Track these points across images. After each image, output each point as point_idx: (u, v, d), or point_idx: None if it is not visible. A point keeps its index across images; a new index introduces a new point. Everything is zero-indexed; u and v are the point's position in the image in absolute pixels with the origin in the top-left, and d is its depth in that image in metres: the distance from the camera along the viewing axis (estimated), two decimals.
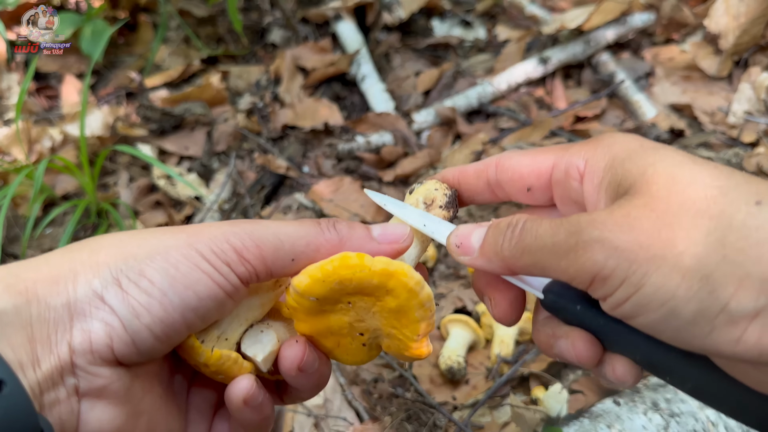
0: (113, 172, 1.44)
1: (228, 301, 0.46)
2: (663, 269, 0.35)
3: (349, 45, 1.63)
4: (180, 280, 0.43)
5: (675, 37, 1.59)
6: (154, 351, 0.44)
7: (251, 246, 0.45)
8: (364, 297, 0.47)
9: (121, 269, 0.42)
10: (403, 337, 0.48)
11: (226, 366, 0.47)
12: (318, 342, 0.51)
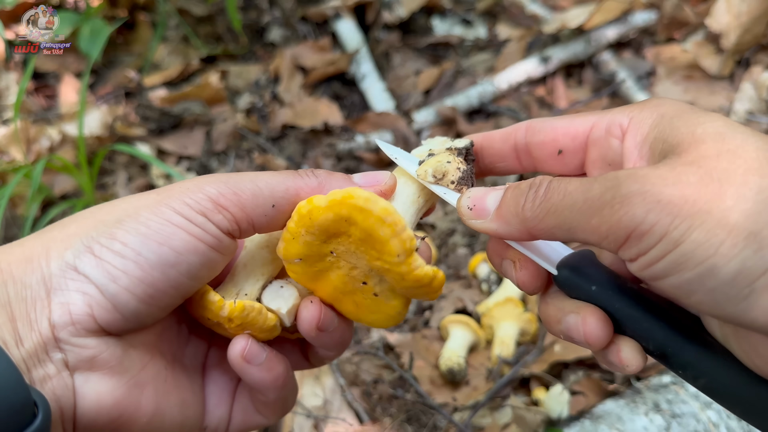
0: (112, 172, 1.44)
1: (213, 253, 0.44)
2: (707, 224, 0.33)
3: (348, 44, 1.63)
4: (153, 237, 0.41)
5: (676, 36, 1.58)
6: (141, 314, 0.43)
7: (228, 193, 0.44)
8: (338, 239, 0.45)
9: (92, 236, 0.41)
10: (391, 266, 0.44)
11: (250, 317, 0.46)
12: (339, 308, 0.50)
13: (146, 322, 0.44)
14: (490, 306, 1.06)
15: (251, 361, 0.46)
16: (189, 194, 0.43)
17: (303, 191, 0.46)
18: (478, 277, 1.16)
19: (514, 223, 0.41)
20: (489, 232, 0.43)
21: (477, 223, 0.43)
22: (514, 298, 1.05)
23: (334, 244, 0.45)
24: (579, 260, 0.44)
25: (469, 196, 0.44)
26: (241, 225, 0.45)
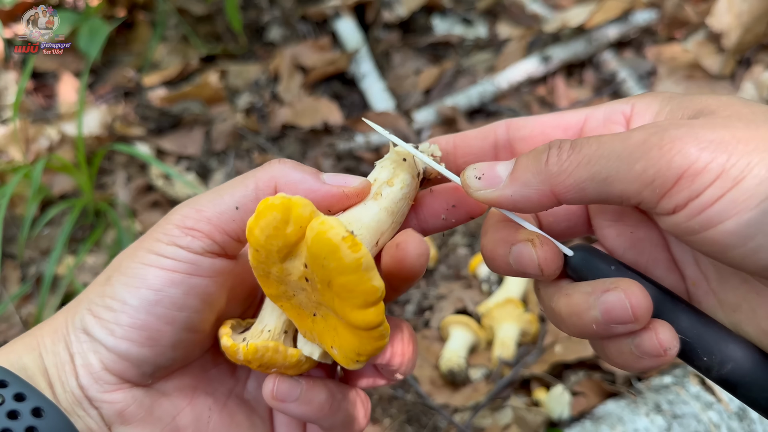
0: (111, 172, 1.43)
1: (194, 279, 0.42)
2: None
3: (348, 43, 1.62)
4: (132, 283, 0.42)
5: (677, 36, 1.58)
6: (152, 359, 0.43)
7: (191, 212, 0.43)
8: (293, 257, 0.39)
9: (91, 299, 0.44)
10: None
11: (266, 358, 0.43)
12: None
13: (170, 365, 0.45)
14: (491, 307, 1.05)
15: (285, 399, 0.44)
16: (159, 229, 0.43)
17: (261, 192, 0.43)
18: (478, 277, 1.16)
19: (534, 183, 0.37)
20: (503, 201, 0.38)
21: (488, 193, 0.39)
22: (515, 299, 1.05)
23: (297, 263, 0.40)
24: (588, 246, 0.42)
25: (474, 167, 0.40)
26: (215, 238, 0.43)
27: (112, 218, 1.26)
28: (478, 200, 0.40)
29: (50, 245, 1.28)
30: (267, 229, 0.37)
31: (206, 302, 0.44)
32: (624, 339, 0.38)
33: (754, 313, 0.38)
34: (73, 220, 1.19)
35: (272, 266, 0.39)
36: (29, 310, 1.17)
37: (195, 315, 0.44)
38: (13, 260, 1.27)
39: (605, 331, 0.37)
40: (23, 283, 1.22)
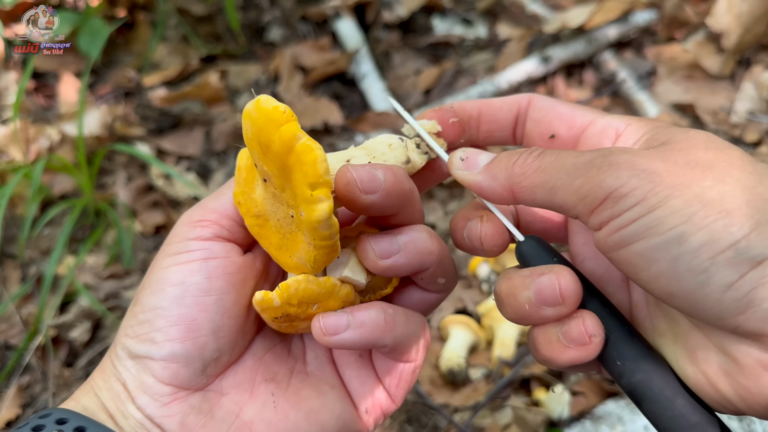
0: (111, 172, 1.43)
1: (213, 262, 0.44)
2: (685, 196, 0.35)
3: (348, 43, 1.62)
4: (157, 289, 0.44)
5: (677, 36, 1.58)
6: (198, 354, 0.43)
7: (196, 210, 0.46)
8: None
9: (126, 326, 0.45)
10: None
11: (302, 291, 0.41)
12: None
13: (219, 358, 0.45)
14: (491, 306, 1.05)
15: (336, 330, 0.42)
16: (169, 237, 0.46)
17: None
18: (478, 277, 1.16)
19: (500, 178, 0.42)
20: (472, 184, 0.43)
21: (464, 174, 0.44)
22: None
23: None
24: (539, 238, 0.45)
25: (464, 150, 0.45)
26: (223, 224, 0.45)
27: (113, 218, 1.26)
28: (456, 178, 0.44)
29: (50, 245, 1.28)
30: (239, 181, 0.43)
31: (231, 283, 0.45)
32: (553, 327, 0.40)
33: (676, 339, 0.40)
34: (74, 220, 1.19)
35: (253, 208, 0.43)
36: (29, 310, 1.18)
37: (224, 296, 0.44)
38: (13, 260, 1.27)
39: (536, 312, 0.40)
40: (23, 283, 1.22)
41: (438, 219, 1.26)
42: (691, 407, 0.38)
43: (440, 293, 0.49)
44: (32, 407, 1.05)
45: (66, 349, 1.13)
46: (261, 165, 0.40)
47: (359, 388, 0.49)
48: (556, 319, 0.40)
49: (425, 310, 0.49)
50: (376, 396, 0.49)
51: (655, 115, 1.42)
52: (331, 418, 0.47)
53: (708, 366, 0.38)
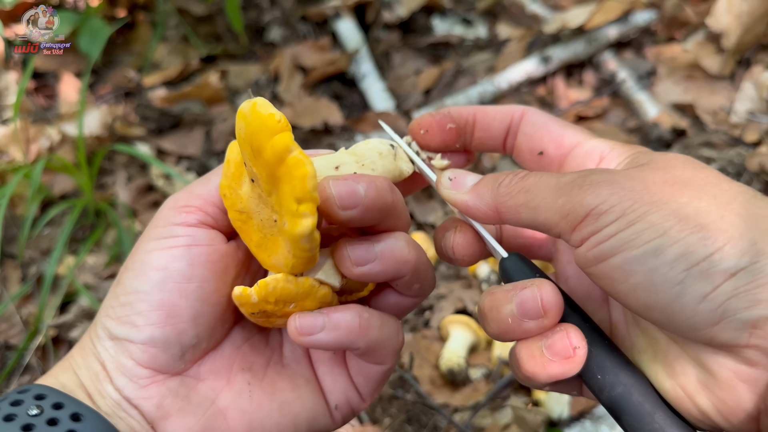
0: (111, 172, 1.43)
1: (195, 250, 0.44)
2: (663, 211, 0.36)
3: (348, 43, 1.62)
4: (140, 272, 0.44)
5: (677, 36, 1.58)
6: (175, 340, 0.44)
7: (182, 195, 0.47)
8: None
9: (107, 306, 0.46)
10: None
11: (279, 289, 0.41)
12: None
13: (197, 344, 0.45)
14: None
15: (311, 331, 0.43)
16: (154, 221, 0.46)
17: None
18: (478, 277, 1.16)
19: (486, 198, 0.43)
20: (459, 203, 0.45)
21: (451, 193, 0.45)
22: None
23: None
24: (521, 255, 0.46)
25: (453, 171, 0.46)
26: (208, 210, 0.46)
27: (113, 218, 1.26)
28: (443, 197, 0.46)
29: (51, 245, 1.28)
30: (226, 175, 0.44)
31: (213, 271, 0.45)
32: (536, 341, 0.40)
33: (655, 355, 0.41)
34: (74, 220, 1.19)
35: (237, 203, 0.44)
36: (30, 310, 1.18)
37: (206, 284, 0.44)
38: (13, 260, 1.27)
39: (518, 326, 0.40)
40: (24, 283, 1.22)
41: (438, 219, 1.26)
42: (670, 421, 0.38)
43: (416, 298, 0.49)
44: None
45: (66, 349, 1.13)
46: (251, 166, 0.41)
47: (331, 385, 0.49)
48: (538, 333, 0.41)
49: (400, 313, 0.50)
50: (347, 394, 0.49)
51: (655, 115, 1.42)
52: (303, 410, 0.47)
53: (686, 380, 0.38)
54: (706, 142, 1.35)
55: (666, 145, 1.37)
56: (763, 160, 1.24)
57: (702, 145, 1.35)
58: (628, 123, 1.43)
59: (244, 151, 0.40)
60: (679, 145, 1.35)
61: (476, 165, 1.34)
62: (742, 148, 1.31)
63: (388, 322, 0.46)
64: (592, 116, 1.44)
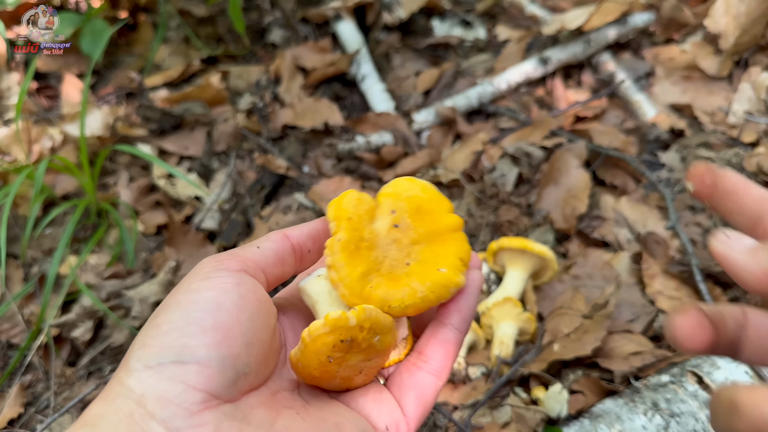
0: (113, 172, 1.44)
1: (243, 288, 0.44)
2: None
3: (349, 45, 1.63)
4: (187, 304, 0.43)
5: (675, 37, 1.59)
6: (230, 363, 0.41)
7: (220, 255, 0.47)
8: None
9: (141, 341, 0.42)
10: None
11: (373, 316, 0.44)
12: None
13: (248, 374, 0.43)
14: (489, 306, 1.06)
15: None
16: (197, 270, 0.46)
17: (269, 238, 0.50)
18: None
19: (765, 262, 0.38)
20: (733, 262, 0.40)
21: (724, 248, 0.41)
22: (513, 298, 1.06)
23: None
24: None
25: (727, 231, 0.42)
26: (248, 266, 0.47)
27: (115, 218, 1.27)
28: (714, 252, 0.41)
29: (53, 245, 1.29)
30: (352, 201, 0.49)
31: (260, 309, 0.44)
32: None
33: None
34: (76, 220, 1.20)
35: (364, 230, 0.48)
36: (32, 309, 1.18)
37: (255, 317, 0.44)
38: (15, 260, 1.28)
39: None
40: (26, 283, 1.23)
41: None
42: None
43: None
44: (34, 406, 1.06)
45: (68, 349, 1.13)
46: (406, 218, 0.50)
47: (376, 412, 0.49)
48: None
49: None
50: (393, 415, 0.49)
51: (653, 116, 1.42)
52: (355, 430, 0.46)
53: None
54: (704, 142, 1.36)
55: (664, 145, 1.38)
56: (761, 161, 1.25)
57: (700, 145, 1.35)
58: (626, 124, 1.43)
59: (400, 203, 0.50)
60: (677, 146, 1.35)
61: (476, 164, 1.35)
62: (740, 148, 1.31)
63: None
64: (590, 117, 1.45)
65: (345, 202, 0.48)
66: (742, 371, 0.91)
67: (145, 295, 1.13)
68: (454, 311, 0.50)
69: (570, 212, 1.22)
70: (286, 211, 1.32)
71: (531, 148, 1.34)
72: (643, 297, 1.11)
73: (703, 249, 1.17)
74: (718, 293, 1.08)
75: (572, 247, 1.20)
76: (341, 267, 0.46)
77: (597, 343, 0.99)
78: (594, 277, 1.13)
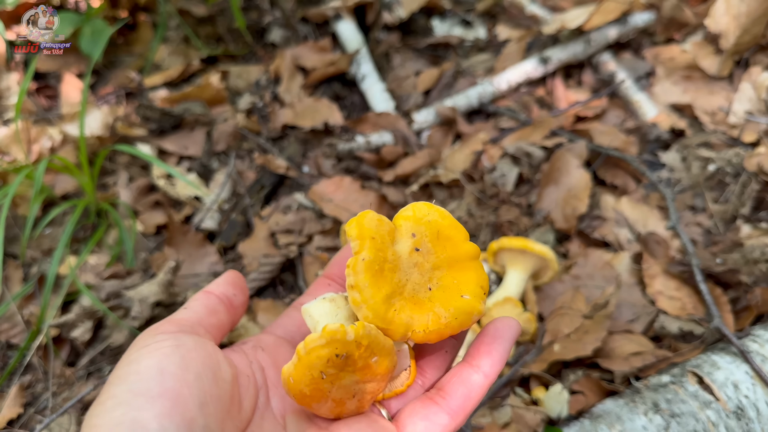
0: (113, 172, 1.44)
1: (183, 349, 0.43)
2: None
3: (349, 44, 1.63)
4: (129, 376, 0.42)
5: (676, 37, 1.58)
6: (187, 431, 0.40)
7: (159, 324, 0.49)
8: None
9: (96, 414, 0.41)
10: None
11: (373, 335, 0.44)
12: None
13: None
14: (490, 306, 1.06)
15: None
16: (133, 345, 0.47)
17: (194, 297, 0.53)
18: None
19: None
20: None
21: None
22: (513, 299, 1.06)
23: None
24: None
25: None
26: (186, 325, 0.48)
27: (114, 218, 1.27)
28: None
29: (52, 245, 1.29)
30: (373, 220, 0.47)
31: (207, 366, 0.44)
32: None
33: None
34: (75, 220, 1.19)
35: (387, 251, 0.47)
36: (31, 309, 1.18)
37: (204, 374, 0.43)
38: (15, 260, 1.28)
39: None
40: (25, 283, 1.23)
41: None
42: None
43: None
44: (34, 406, 1.06)
45: (68, 349, 1.13)
46: (426, 242, 0.49)
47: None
48: None
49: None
50: None
51: (653, 116, 1.42)
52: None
53: None
54: (705, 142, 1.36)
55: (664, 145, 1.38)
56: (762, 161, 1.25)
57: (700, 145, 1.35)
58: (626, 123, 1.43)
59: (420, 227, 0.50)
60: (678, 146, 1.35)
61: (476, 164, 1.35)
62: (741, 148, 1.31)
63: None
64: (590, 117, 1.44)
65: (367, 221, 0.47)
66: (743, 371, 0.91)
67: (145, 295, 1.12)
68: (485, 353, 0.47)
69: (570, 212, 1.22)
70: (286, 211, 1.32)
71: (531, 148, 1.33)
72: (644, 297, 1.11)
73: (704, 249, 1.16)
74: (719, 293, 1.07)
75: (572, 247, 1.20)
76: (365, 288, 0.44)
77: (597, 343, 0.99)
78: (594, 278, 1.13)
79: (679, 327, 1.06)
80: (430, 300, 0.47)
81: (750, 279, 1.08)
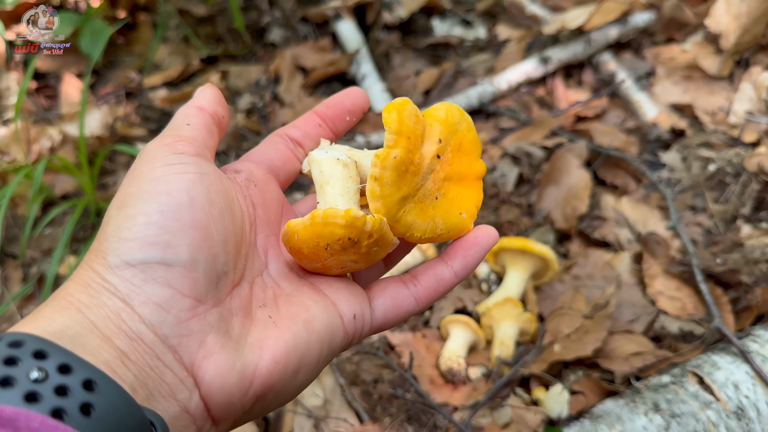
0: (112, 172, 1.44)
1: (207, 179, 0.43)
2: None
3: (348, 44, 1.63)
4: (159, 191, 0.42)
5: (676, 37, 1.58)
6: (211, 264, 0.40)
7: (162, 138, 0.48)
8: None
9: (116, 232, 0.42)
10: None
11: (385, 230, 0.45)
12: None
13: (227, 276, 0.42)
14: (490, 306, 1.06)
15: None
16: (153, 155, 0.46)
17: (191, 106, 0.51)
18: (478, 276, 1.16)
19: None
20: None
21: None
22: (514, 299, 1.06)
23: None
24: None
25: None
26: (197, 146, 0.47)
27: None
28: None
29: (52, 245, 1.29)
30: (411, 117, 0.46)
31: (226, 201, 0.44)
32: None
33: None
34: (75, 220, 1.19)
35: (415, 154, 0.47)
36: (31, 310, 1.18)
37: (226, 211, 0.43)
38: (14, 260, 1.28)
39: None
40: (25, 283, 1.23)
41: None
42: None
43: None
44: None
45: None
46: (448, 152, 0.49)
47: (344, 300, 0.48)
48: None
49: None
50: (361, 306, 0.48)
51: (654, 116, 1.42)
52: (322, 326, 0.45)
53: None
54: (705, 142, 1.36)
55: (664, 145, 1.38)
56: (762, 161, 1.25)
57: (701, 145, 1.35)
58: (626, 123, 1.43)
59: (447, 135, 0.49)
60: (678, 146, 1.35)
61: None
62: (741, 148, 1.31)
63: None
64: (591, 117, 1.44)
65: (407, 115, 0.46)
66: (743, 371, 0.91)
67: None
68: (460, 256, 0.50)
69: (570, 212, 1.21)
70: None
71: (531, 148, 1.33)
72: (644, 297, 1.11)
73: (704, 249, 1.16)
74: (719, 293, 1.07)
75: (573, 247, 1.20)
76: (387, 185, 0.45)
77: (598, 343, 0.99)
78: (594, 278, 1.13)
79: (680, 327, 1.05)
80: (434, 209, 0.49)
81: (750, 279, 1.08)
